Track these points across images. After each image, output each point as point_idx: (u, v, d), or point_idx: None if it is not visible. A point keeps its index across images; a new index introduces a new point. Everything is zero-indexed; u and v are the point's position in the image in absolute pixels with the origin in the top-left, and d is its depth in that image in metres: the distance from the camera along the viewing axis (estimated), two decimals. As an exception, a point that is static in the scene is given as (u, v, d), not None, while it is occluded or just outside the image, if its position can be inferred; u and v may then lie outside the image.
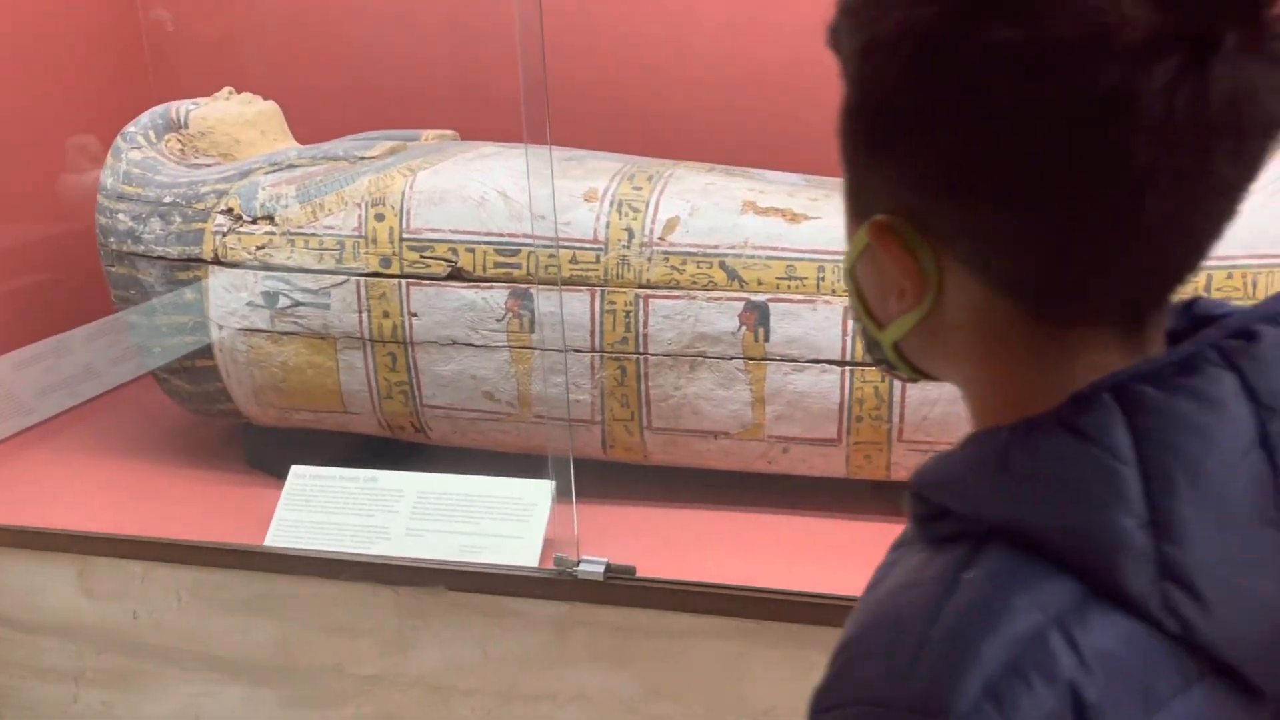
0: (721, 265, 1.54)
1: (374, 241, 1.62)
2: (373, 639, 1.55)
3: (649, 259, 1.55)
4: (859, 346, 1.50)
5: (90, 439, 2.01)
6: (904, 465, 1.56)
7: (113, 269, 1.80)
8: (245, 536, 1.61)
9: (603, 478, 1.65)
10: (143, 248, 1.73)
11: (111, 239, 1.77)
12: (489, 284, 1.60)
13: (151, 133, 1.79)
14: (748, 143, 1.97)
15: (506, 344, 1.60)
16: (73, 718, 1.72)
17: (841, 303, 1.51)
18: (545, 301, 1.58)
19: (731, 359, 1.54)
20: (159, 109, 1.82)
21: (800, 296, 1.51)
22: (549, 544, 1.53)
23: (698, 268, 1.54)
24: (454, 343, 1.62)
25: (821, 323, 1.51)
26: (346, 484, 1.61)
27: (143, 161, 1.77)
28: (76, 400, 2.18)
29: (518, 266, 1.59)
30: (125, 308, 1.81)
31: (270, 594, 1.57)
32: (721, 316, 1.53)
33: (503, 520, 1.54)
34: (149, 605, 1.63)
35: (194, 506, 1.75)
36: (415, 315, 1.62)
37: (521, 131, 1.47)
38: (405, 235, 1.62)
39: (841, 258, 0.68)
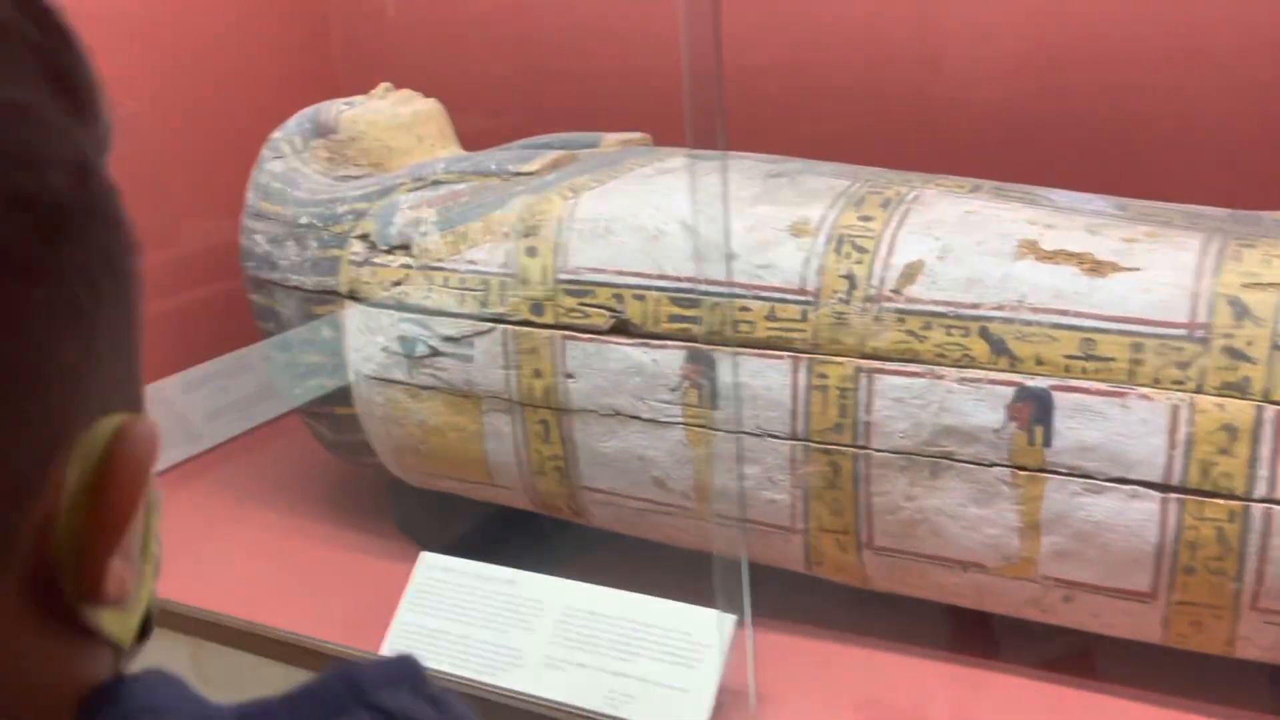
0: (983, 333, 1.03)
1: (524, 282, 1.23)
2: None
3: (877, 318, 1.06)
4: (1195, 468, 0.96)
5: (241, 478, 1.77)
6: (1255, 641, 1.00)
7: (253, 297, 1.51)
8: (372, 630, 1.27)
9: (806, 599, 1.19)
10: (279, 275, 1.43)
11: (250, 263, 1.47)
12: (661, 342, 1.17)
13: (298, 138, 1.48)
14: (1031, 150, 1.42)
15: (681, 420, 1.17)
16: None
17: (1167, 399, 0.97)
18: (731, 370, 1.13)
19: (993, 466, 1.04)
20: (310, 110, 1.50)
21: (1103, 386, 0.99)
22: (726, 694, 1.08)
23: (947, 335, 1.04)
24: (617, 414, 1.20)
25: (1135, 426, 0.98)
26: (481, 584, 1.23)
27: (284, 174, 1.46)
28: (247, 424, 1.95)
29: (698, 322, 1.14)
30: (264, 339, 1.51)
31: None
32: (980, 406, 1.03)
33: (665, 661, 1.11)
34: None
35: (326, 579, 1.44)
36: (571, 377, 1.22)
37: (715, 137, 1.03)
38: (561, 276, 1.21)
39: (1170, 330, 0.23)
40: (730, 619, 1.12)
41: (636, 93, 1.82)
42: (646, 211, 1.20)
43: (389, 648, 1.24)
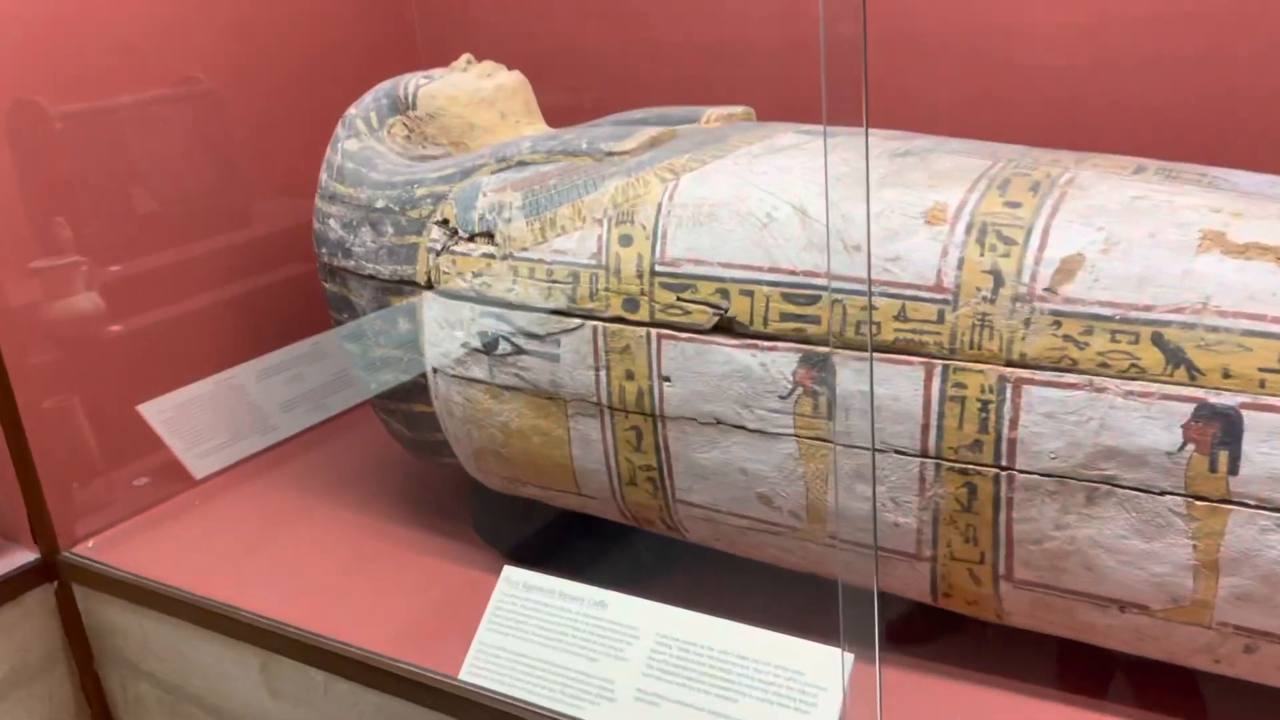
0: (1157, 340, 0.87)
1: (617, 274, 1.10)
2: None
3: (1027, 321, 0.91)
4: None
5: (316, 471, 1.68)
6: None
7: (326, 285, 1.40)
8: (451, 648, 1.17)
9: (925, 631, 1.04)
10: (353, 263, 1.32)
11: (324, 249, 1.37)
12: (772, 344, 1.03)
13: (374, 115, 1.37)
14: (1198, 122, 1.25)
15: (793, 432, 1.03)
16: (263, 822, 1.37)
17: (1390, 423, 0.80)
18: (853, 375, 0.99)
19: (1164, 494, 0.88)
20: (386, 85, 1.39)
21: (1307, 406, 0.82)
22: None
23: (1113, 341, 0.88)
24: (719, 422, 1.07)
25: (1346, 455, 0.81)
26: (568, 605, 1.11)
27: (359, 153, 1.34)
28: (323, 415, 1.86)
29: (815, 321, 1.00)
30: (339, 329, 1.41)
31: None
32: (1150, 424, 0.87)
33: (774, 703, 0.98)
34: None
35: (401, 587, 1.34)
36: (668, 380, 1.08)
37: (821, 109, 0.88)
38: (658, 267, 1.08)
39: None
40: (850, 657, 0.98)
41: (732, 63, 1.67)
42: (755, 195, 1.06)
43: (469, 672, 1.13)
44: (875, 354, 1.00)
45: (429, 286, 1.25)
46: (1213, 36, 1.28)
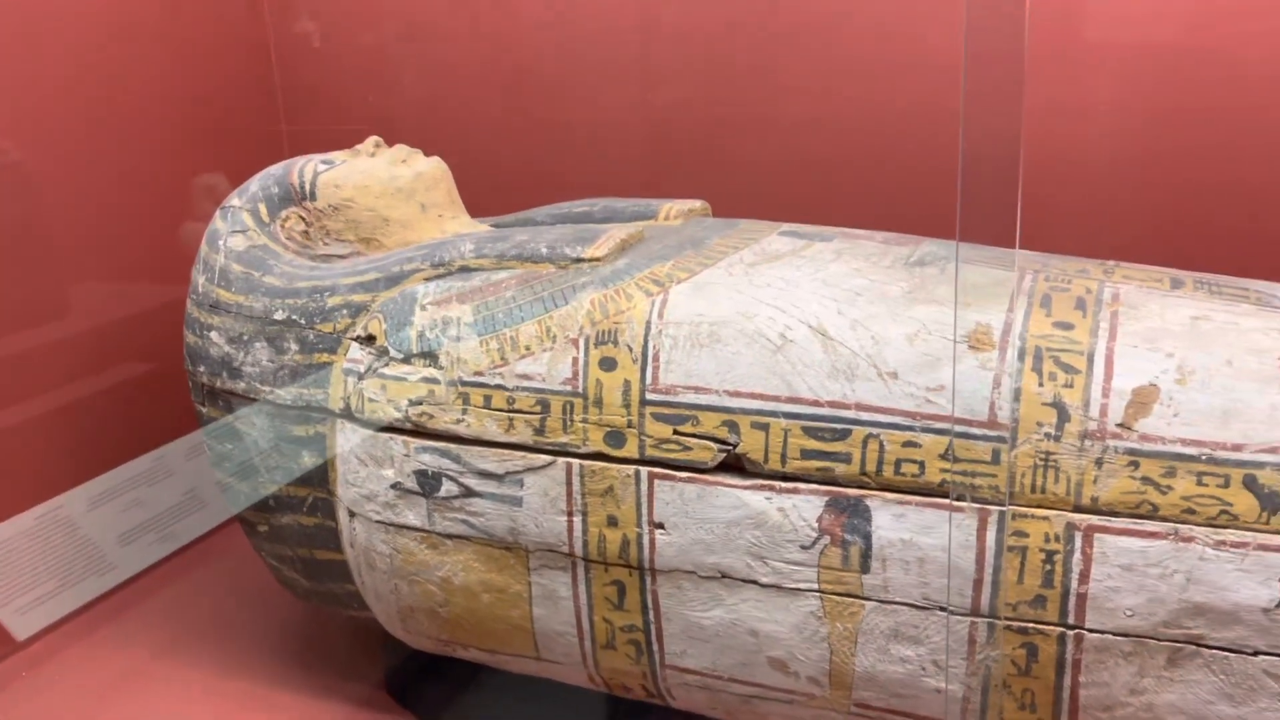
0: (1250, 484, 0.76)
1: (598, 404, 0.91)
2: None
3: (1099, 462, 0.78)
4: None
5: (167, 622, 1.38)
6: None
7: (203, 409, 1.13)
8: None
9: None
10: (243, 385, 1.06)
11: (201, 367, 1.11)
12: (793, 485, 0.86)
13: (263, 207, 1.13)
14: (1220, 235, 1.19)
15: (817, 587, 0.86)
16: None
17: None
18: (893, 522, 0.84)
19: (1259, 654, 0.76)
20: (275, 170, 1.15)
21: None
22: None
23: (1199, 484, 0.77)
24: (724, 576, 0.89)
25: None
26: (542, 808, 0.89)
27: (248, 253, 1.10)
28: (173, 545, 1.55)
29: (844, 459, 0.85)
30: (219, 462, 1.14)
31: None
32: (1245, 579, 0.76)
33: None
34: None
35: None
36: (661, 527, 0.90)
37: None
38: (650, 395, 0.90)
39: None
40: None
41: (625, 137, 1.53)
42: (764, 312, 0.90)
43: None
44: (919, 498, 0.85)
45: (347, 415, 1.02)
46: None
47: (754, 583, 0.91)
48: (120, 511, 1.52)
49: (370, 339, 1.01)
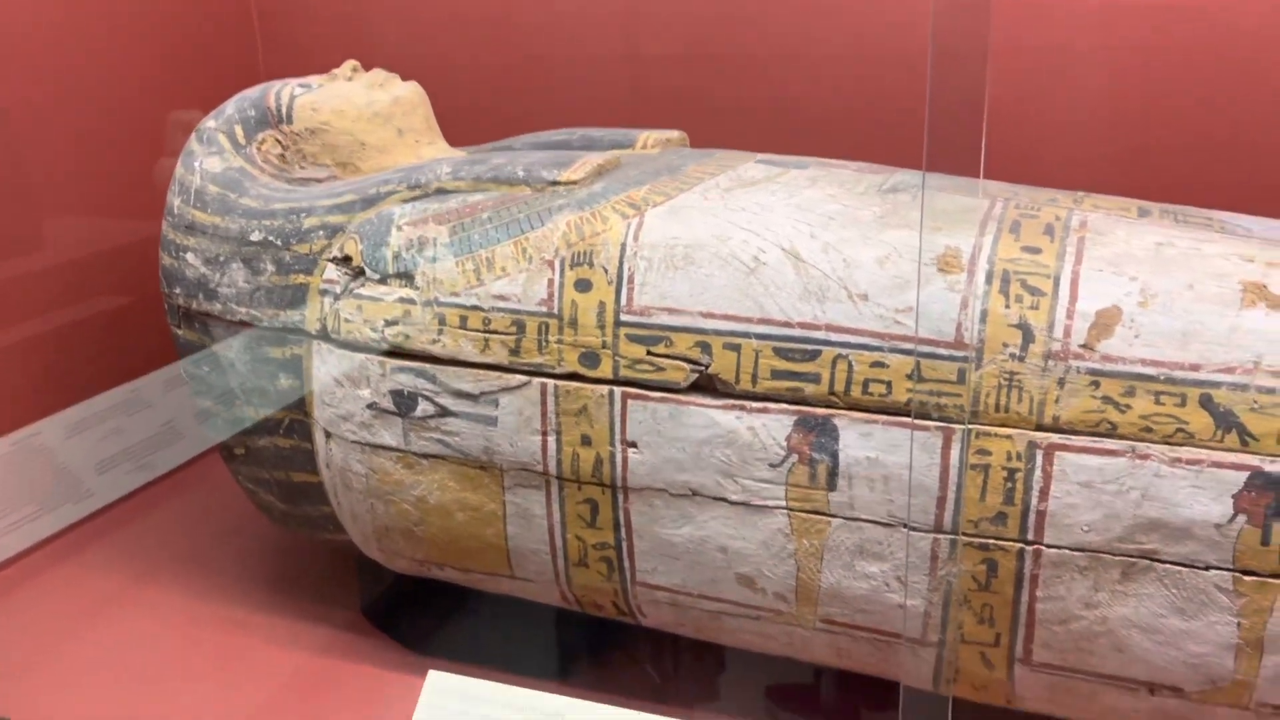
0: (1206, 403, 0.78)
1: (573, 324, 0.92)
2: None
3: (1061, 382, 0.80)
4: None
5: (145, 548, 1.39)
6: None
7: (179, 331, 1.14)
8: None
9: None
10: (219, 306, 1.07)
11: (177, 289, 1.11)
12: (763, 405, 0.88)
13: (239, 129, 1.12)
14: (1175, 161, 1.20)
15: (784, 505, 0.88)
16: None
17: None
18: (859, 441, 0.86)
19: (1210, 569, 0.79)
20: (252, 93, 1.15)
21: (1372, 474, 0.75)
22: None
23: (1157, 403, 0.79)
24: (694, 494, 0.91)
25: None
26: (514, 717, 0.91)
27: (224, 175, 1.10)
28: (149, 475, 1.55)
29: (814, 379, 0.86)
30: (197, 384, 1.15)
31: None
32: (1198, 495, 0.78)
33: (782, 826, 0.82)
34: None
35: (278, 698, 1.09)
36: (634, 446, 0.92)
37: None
38: (625, 317, 0.91)
39: None
40: (865, 767, 0.84)
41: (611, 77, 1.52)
42: (738, 235, 0.91)
43: (394, 808, 0.91)
44: (885, 417, 0.87)
45: (323, 336, 1.03)
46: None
47: (723, 500, 0.93)
48: (97, 440, 1.53)
49: (346, 260, 1.02)
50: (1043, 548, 0.85)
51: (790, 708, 1.07)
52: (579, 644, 1.18)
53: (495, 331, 0.96)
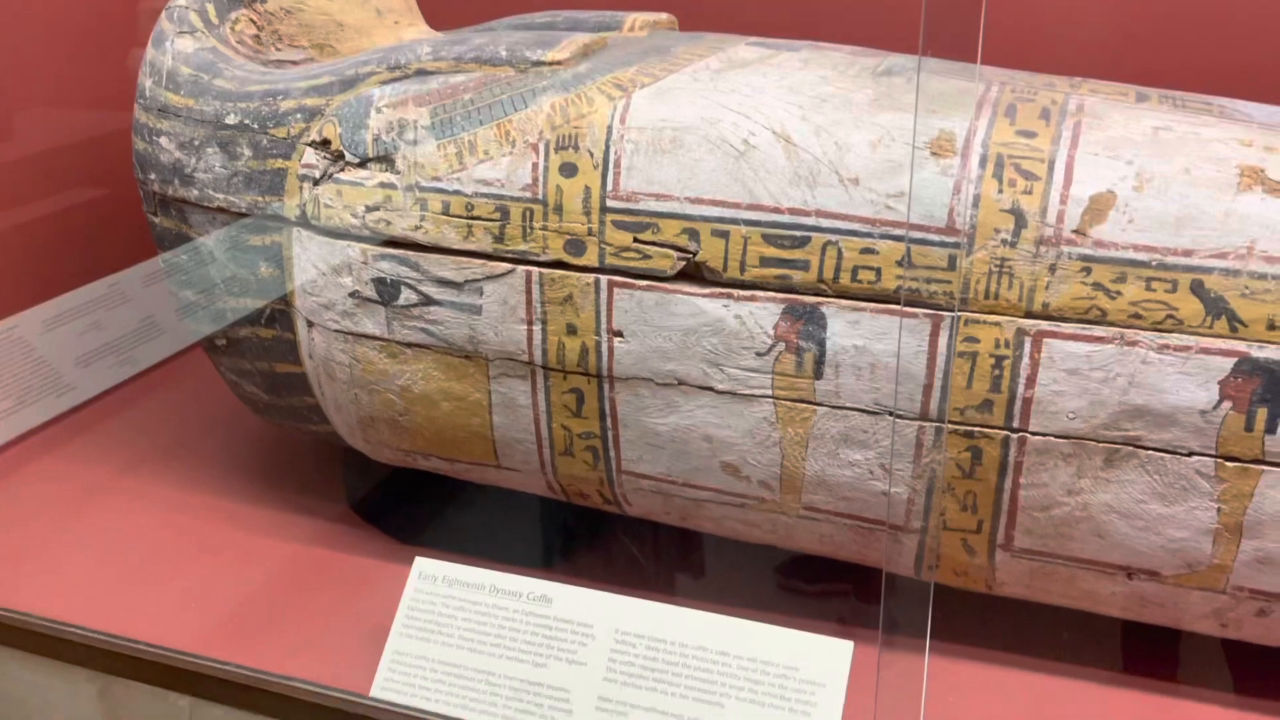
0: (1197, 289, 0.77)
1: (558, 210, 0.90)
2: None
3: (1052, 268, 0.79)
4: None
5: (129, 442, 1.38)
6: None
7: (156, 219, 1.11)
8: (349, 658, 0.96)
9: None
10: (196, 192, 1.04)
11: (152, 175, 1.08)
12: (750, 293, 0.87)
13: (210, 8, 1.08)
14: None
15: (770, 393, 0.88)
16: None
17: None
18: (847, 329, 0.85)
19: (1192, 455, 0.80)
20: (224, -29, 1.10)
21: (1359, 361, 0.75)
22: None
23: (1148, 290, 0.78)
24: (681, 383, 0.91)
25: (1396, 412, 0.75)
26: (503, 602, 0.92)
27: (197, 56, 1.06)
28: (131, 370, 1.54)
29: (803, 266, 0.85)
30: (175, 273, 1.13)
31: None
32: (1185, 382, 0.78)
33: (765, 705, 0.84)
34: None
35: (266, 587, 1.10)
36: (620, 335, 0.91)
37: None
38: (611, 203, 0.89)
39: None
40: (847, 646, 0.86)
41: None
42: (727, 118, 0.89)
43: (383, 688, 0.93)
44: (873, 305, 0.86)
45: (303, 222, 1.00)
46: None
47: (710, 389, 0.92)
48: (77, 335, 1.51)
49: (325, 143, 0.99)
50: (1028, 435, 0.85)
51: (772, 595, 1.08)
52: (565, 534, 1.19)
53: (478, 218, 0.94)
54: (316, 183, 1.00)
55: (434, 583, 0.97)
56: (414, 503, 1.22)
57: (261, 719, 0.97)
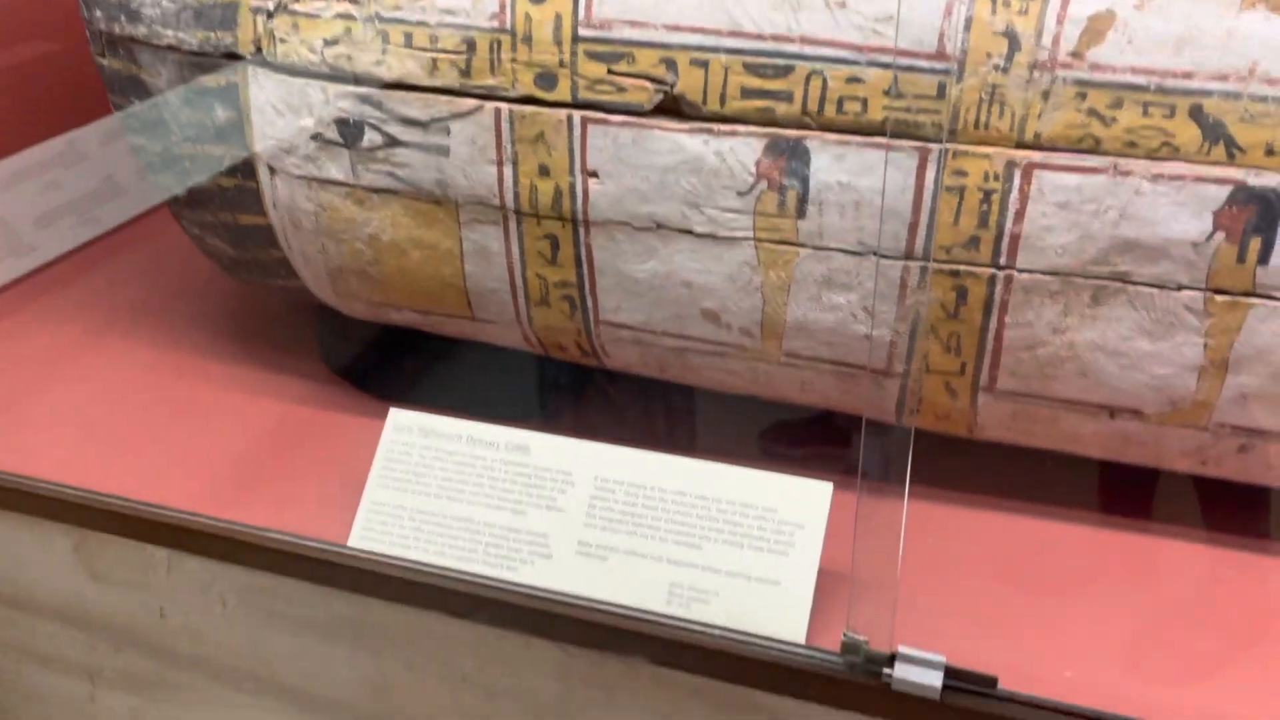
0: (1195, 114, 0.74)
1: (527, 41, 0.85)
2: (520, 703, 0.90)
3: (1046, 94, 0.76)
4: None
5: (94, 303, 1.35)
6: None
7: (104, 61, 1.05)
8: (322, 511, 0.96)
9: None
10: (144, 29, 0.98)
11: (97, 11, 1.02)
12: (731, 127, 0.83)
13: None
14: None
15: (752, 235, 0.85)
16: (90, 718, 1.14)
17: None
18: (832, 164, 0.82)
19: (1181, 289, 0.78)
20: None
21: (1359, 187, 0.73)
22: (829, 582, 0.83)
23: (1144, 115, 0.75)
24: (659, 227, 0.88)
25: (1393, 240, 0.73)
26: (480, 451, 0.91)
27: (135, -121, 0.98)
28: (93, 231, 1.50)
29: (786, 98, 0.81)
30: (128, 120, 1.07)
31: (360, 620, 0.92)
32: (1179, 212, 0.76)
33: (744, 546, 0.85)
34: (180, 605, 1.00)
35: (242, 442, 1.09)
36: (595, 176, 0.87)
37: None
38: (583, 31, 0.84)
39: None
40: (826, 488, 0.85)
41: None
42: (706, -62, 0.83)
43: (361, 538, 0.92)
44: (859, 138, 0.82)
45: (259, 60, 0.95)
46: None
47: (689, 232, 0.89)
48: (35, 195, 1.45)
49: (278, -28, 0.92)
50: (1014, 273, 0.83)
51: (752, 450, 1.08)
52: (544, 391, 1.17)
53: (444, 50, 0.89)
54: (271, 15, 0.94)
55: (409, 433, 0.95)
56: (393, 361, 1.19)
57: (240, 570, 0.96)
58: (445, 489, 0.93)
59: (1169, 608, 0.86)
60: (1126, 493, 0.97)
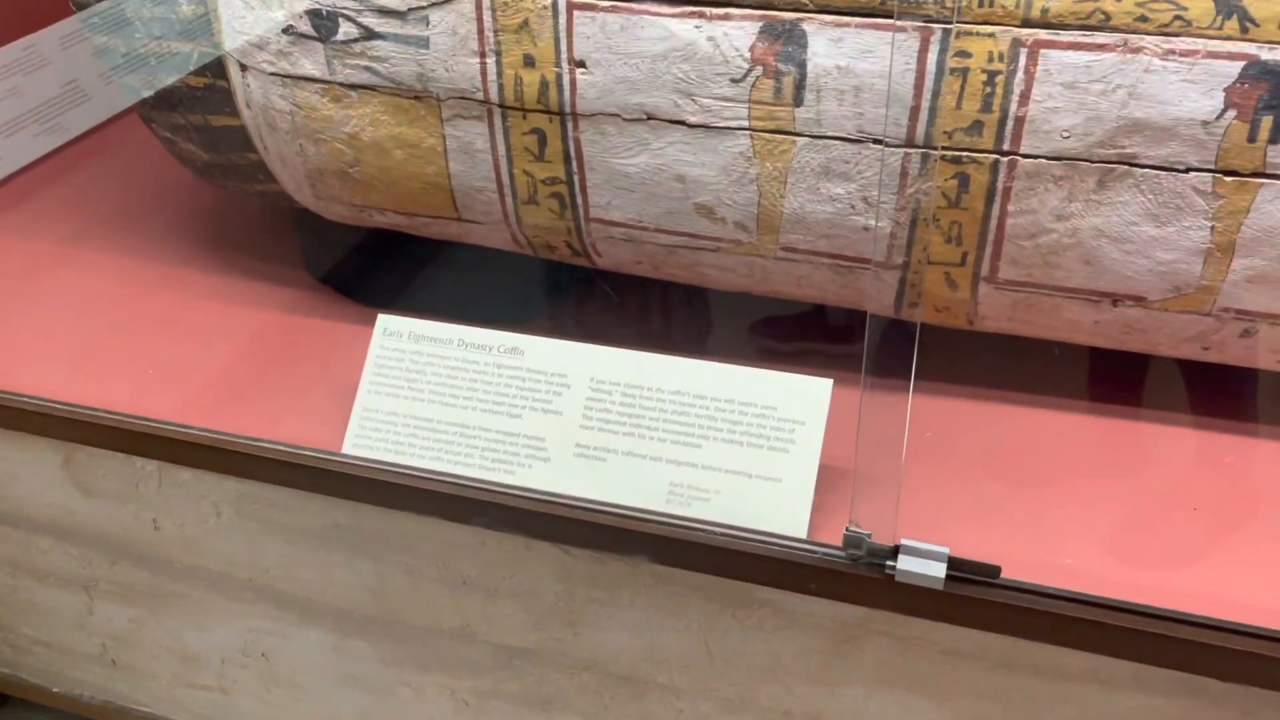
0: None
1: None
2: (521, 604, 0.91)
3: None
4: None
5: (66, 212, 1.31)
6: None
7: None
8: (313, 419, 0.95)
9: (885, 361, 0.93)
10: (98, -80, 0.93)
11: (46, -98, 0.95)
12: (723, 11, 0.80)
13: None
14: None
15: (747, 125, 0.82)
16: (91, 631, 1.14)
17: None
18: (830, 48, 0.78)
19: (1190, 171, 0.76)
20: None
21: (1377, 59, 0.70)
22: (829, 478, 0.83)
23: None
24: (650, 118, 0.85)
25: None
26: (472, 355, 0.90)
27: None
28: (62, 137, 1.45)
29: (783, -23, 0.77)
30: (87, 16, 1.02)
31: (357, 527, 0.92)
32: (1189, 90, 0.73)
33: (745, 444, 0.84)
34: (173, 516, 0.99)
35: (225, 351, 1.07)
36: (582, 66, 0.84)
37: None
38: (566, -92, 0.80)
39: None
40: (826, 384, 0.84)
41: None
42: None
43: (354, 445, 0.91)
44: (858, 20, 0.78)
45: (223, -51, 0.90)
46: None
47: (681, 123, 0.86)
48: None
49: None
50: (1018, 158, 0.80)
51: (751, 350, 1.06)
52: (536, 294, 1.15)
53: (419, -67, 0.84)
54: (233, -100, 0.88)
55: (399, 339, 0.93)
56: (378, 267, 1.17)
57: (233, 480, 0.95)
58: (438, 394, 0.91)
59: (1163, 492, 0.86)
60: (1119, 381, 0.96)
